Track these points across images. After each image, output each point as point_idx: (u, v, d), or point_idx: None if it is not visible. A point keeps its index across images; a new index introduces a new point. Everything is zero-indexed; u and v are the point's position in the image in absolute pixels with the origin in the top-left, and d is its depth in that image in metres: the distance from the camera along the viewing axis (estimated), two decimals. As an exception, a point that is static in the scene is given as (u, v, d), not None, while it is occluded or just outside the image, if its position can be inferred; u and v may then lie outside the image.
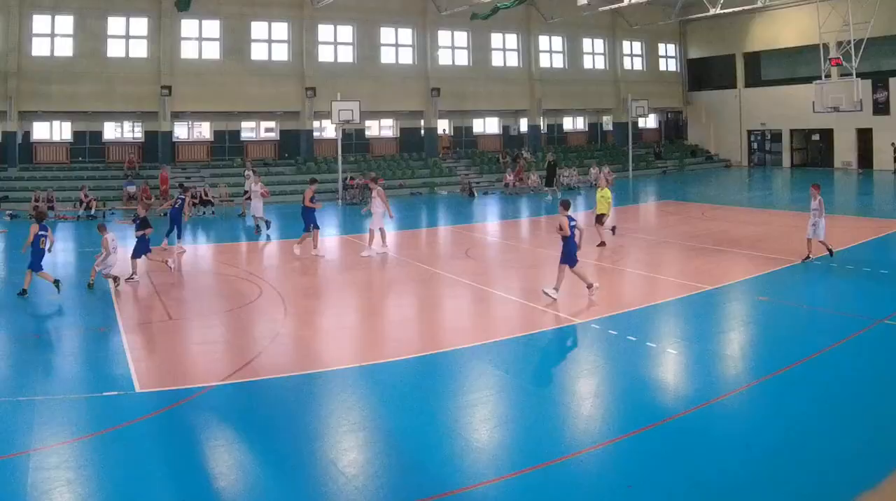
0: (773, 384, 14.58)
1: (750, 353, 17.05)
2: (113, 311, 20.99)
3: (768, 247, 27.81)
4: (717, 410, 13.35)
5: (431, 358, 16.54)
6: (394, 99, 61.59)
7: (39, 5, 50.99)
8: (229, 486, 10.74)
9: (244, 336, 18.71)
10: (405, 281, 25.26)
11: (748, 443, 11.78)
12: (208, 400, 14.04)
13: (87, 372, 15.96)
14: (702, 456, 11.47)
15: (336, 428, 12.76)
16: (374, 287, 25.16)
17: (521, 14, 65.35)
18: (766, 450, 11.50)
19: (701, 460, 11.32)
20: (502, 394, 14.40)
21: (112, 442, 12.04)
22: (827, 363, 15.87)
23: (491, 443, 12.18)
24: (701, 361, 16.27)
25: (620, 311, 20.07)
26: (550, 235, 32.52)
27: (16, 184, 49.29)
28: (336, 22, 59.94)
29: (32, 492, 10.24)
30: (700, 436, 12.25)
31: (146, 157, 55.27)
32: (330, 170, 56.93)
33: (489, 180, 61.12)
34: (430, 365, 16.25)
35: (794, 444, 11.86)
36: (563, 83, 69.21)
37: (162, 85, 53.49)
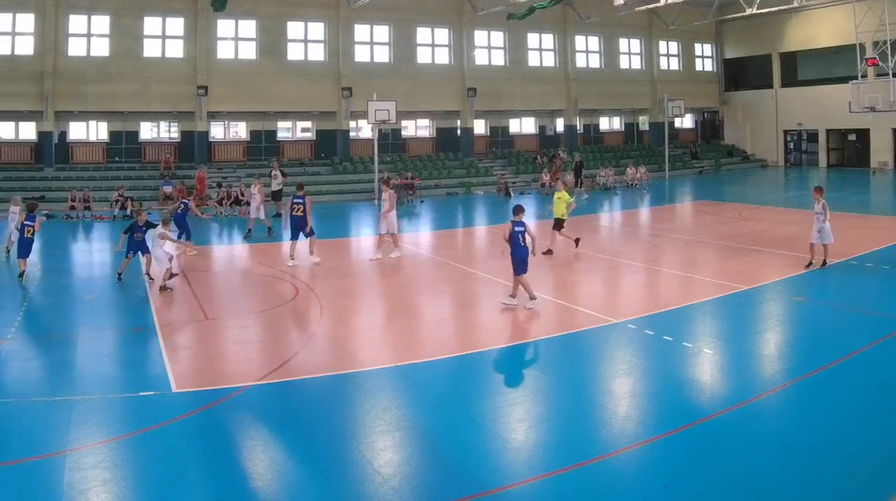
0: (810, 384, 14.40)
1: (786, 353, 16.79)
2: (149, 311, 20.52)
3: (804, 247, 26.31)
4: (754, 410, 13.13)
5: (468, 358, 16.23)
6: (430, 99, 59.77)
7: (75, 5, 49.55)
8: (265, 486, 10.54)
9: (280, 336, 18.31)
10: (441, 280, 24.62)
11: (784, 443, 11.59)
12: (244, 401, 13.80)
13: (123, 371, 15.70)
14: (738, 456, 11.16)
15: (372, 428, 12.52)
16: (410, 287, 24.32)
17: (558, 14, 63.00)
18: (803, 450, 11.35)
19: (737, 460, 11.03)
20: (539, 394, 14.20)
21: (148, 442, 11.85)
22: (863, 363, 15.57)
23: (527, 443, 11.97)
24: (737, 361, 16.03)
25: (657, 311, 19.67)
26: (587, 235, 32.28)
27: (52, 184, 47.79)
28: (372, 22, 58.20)
29: (69, 492, 10.08)
30: (736, 436, 11.96)
31: (182, 157, 53.86)
32: (366, 170, 55.42)
33: (525, 180, 58.98)
34: (466, 364, 15.95)
35: (831, 444, 11.65)
36: (599, 83, 66.88)
37: (198, 85, 52.05)
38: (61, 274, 26.26)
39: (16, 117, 50.45)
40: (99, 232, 37.54)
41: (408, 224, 38.61)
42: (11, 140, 51.56)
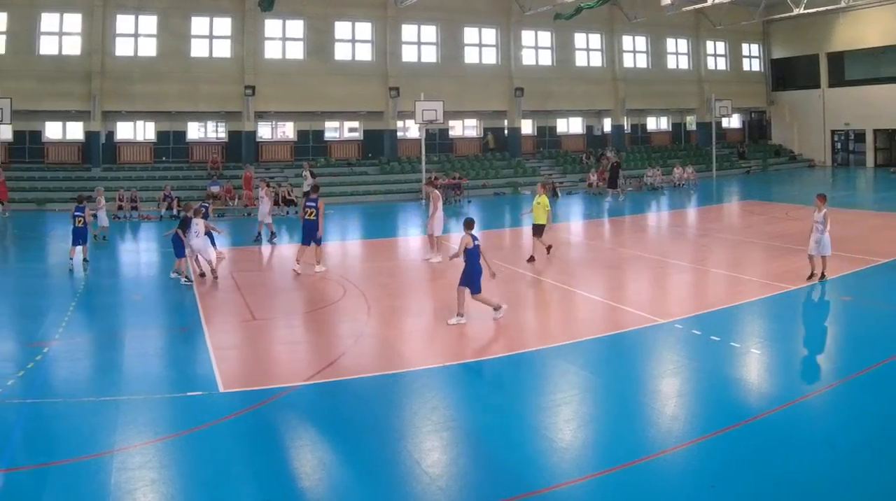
0: (858, 384, 13.97)
1: (834, 353, 16.46)
2: (197, 311, 20.04)
3: (852, 246, 26.04)
4: (801, 410, 12.84)
5: (515, 358, 15.79)
6: (477, 99, 57.50)
7: (123, 5, 48.14)
8: (313, 486, 10.30)
9: (327, 336, 17.93)
10: (488, 280, 22.34)
11: (832, 443, 11.35)
12: (292, 401, 13.48)
13: (170, 371, 15.36)
14: (785, 457, 10.86)
15: (420, 428, 12.26)
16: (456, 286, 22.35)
17: (605, 14, 60.25)
18: (851, 450, 11.05)
19: (784, 460, 10.74)
20: (586, 394, 13.87)
21: (196, 443, 11.59)
22: (912, 363, 15.12)
23: (574, 443, 11.71)
24: (784, 361, 15.71)
25: (704, 311, 19.18)
26: (634, 235, 33.68)
27: (99, 183, 44.83)
28: (420, 22, 56.20)
29: (116, 492, 9.86)
30: (784, 436, 11.64)
31: (230, 157, 52.22)
32: (413, 170, 53.52)
33: (572, 180, 56.85)
34: (513, 364, 15.52)
35: (879, 444, 11.27)
36: (646, 83, 64.02)
37: (245, 85, 50.43)
38: (108, 275, 25.82)
39: (63, 117, 49.12)
40: (146, 232, 36.64)
41: (455, 224, 36.44)
42: (59, 140, 50.14)
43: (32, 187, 45.62)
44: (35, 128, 48.81)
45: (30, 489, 10.12)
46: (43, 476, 10.44)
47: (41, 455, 11.04)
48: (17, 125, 46.27)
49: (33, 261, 29.02)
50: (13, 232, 36.29)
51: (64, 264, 25.39)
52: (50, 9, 46.99)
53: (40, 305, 20.70)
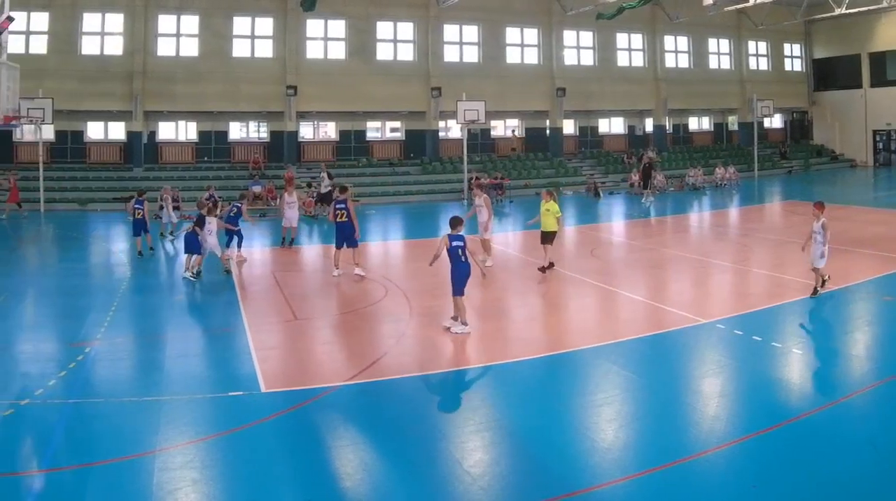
0: None
1: (876, 353, 15.74)
2: (239, 311, 19.37)
3: (894, 247, 25.55)
4: (843, 410, 12.32)
5: (557, 358, 15.33)
6: (519, 99, 55.06)
7: (165, 5, 46.84)
8: (354, 486, 9.95)
9: (369, 336, 17.23)
10: (530, 280, 22.80)
11: (875, 443, 10.85)
12: (333, 400, 13.07)
13: (212, 371, 14.85)
14: (827, 456, 10.48)
15: (461, 428, 11.85)
16: (499, 287, 22.19)
17: (647, 14, 57.61)
18: (894, 450, 10.63)
19: (826, 460, 10.35)
20: (628, 394, 13.33)
21: (238, 442, 11.23)
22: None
23: (616, 443, 11.21)
24: (826, 361, 15.28)
25: (746, 311, 18.46)
26: (676, 235, 33.11)
27: (141, 183, 43.37)
28: (461, 22, 53.86)
29: (158, 492, 9.55)
30: (825, 436, 11.24)
31: (271, 157, 50.58)
32: (455, 170, 51.66)
33: (614, 180, 54.61)
34: (555, 364, 15.05)
35: None
36: (688, 83, 61.11)
37: (287, 85, 48.77)
38: (150, 275, 24.93)
39: (105, 117, 47.79)
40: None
41: (498, 224, 35.93)
42: (101, 140, 48.74)
43: (74, 187, 44.20)
44: (77, 128, 47.53)
45: (72, 489, 9.82)
46: (85, 477, 10.13)
47: (83, 456, 10.73)
48: (59, 125, 45.12)
49: (75, 261, 28.09)
50: (55, 232, 35.42)
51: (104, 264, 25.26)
52: (92, 9, 45.70)
53: (82, 305, 19.92)
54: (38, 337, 17.31)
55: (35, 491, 9.76)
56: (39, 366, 14.87)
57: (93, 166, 47.17)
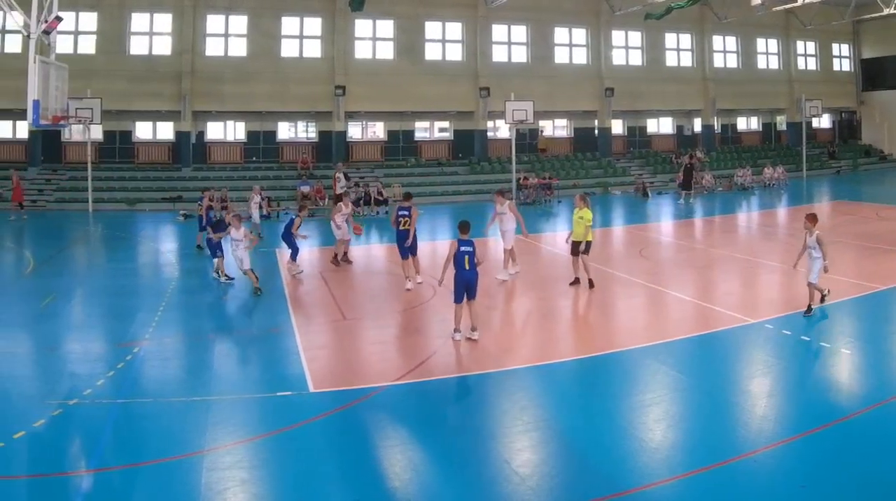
0: None
1: None
2: (287, 311, 18.68)
3: None
4: (892, 410, 11.64)
5: (605, 358, 14.77)
6: (567, 99, 51.91)
7: (213, 5, 44.41)
8: (403, 486, 9.58)
9: (417, 336, 16.69)
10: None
11: None
12: (382, 400, 12.55)
13: (261, 372, 14.41)
14: (876, 457, 10.05)
15: (510, 428, 11.36)
16: (548, 286, 21.32)
17: (695, 14, 54.34)
18: None
19: (875, 460, 9.94)
20: (675, 394, 12.79)
21: (286, 442, 10.83)
22: None
23: (664, 443, 10.78)
24: (875, 361, 14.49)
25: (794, 311, 17.57)
26: (724, 235, 32.40)
27: (189, 184, 42.45)
28: (510, 22, 50.82)
29: (206, 492, 9.26)
30: (874, 436, 10.73)
31: (320, 157, 47.86)
32: (504, 170, 48.57)
33: (663, 180, 51.36)
34: (603, 364, 14.49)
35: None
36: (736, 83, 57.34)
37: (336, 85, 46.24)
38: (199, 275, 23.95)
39: (154, 117, 45.64)
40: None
41: (546, 223, 35.90)
42: (149, 140, 46.53)
43: (122, 187, 42.09)
44: (125, 128, 45.33)
45: (120, 489, 9.55)
46: (133, 476, 9.83)
47: (131, 456, 10.39)
48: (108, 125, 43.02)
49: (123, 261, 27.18)
50: (103, 232, 34.11)
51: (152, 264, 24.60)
52: (140, 9, 43.67)
53: (130, 305, 19.15)
54: (87, 337, 16.67)
55: (84, 491, 9.40)
56: (88, 366, 14.33)
57: (141, 166, 45.13)
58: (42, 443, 10.71)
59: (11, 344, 16.02)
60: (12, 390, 12.94)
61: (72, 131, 40.72)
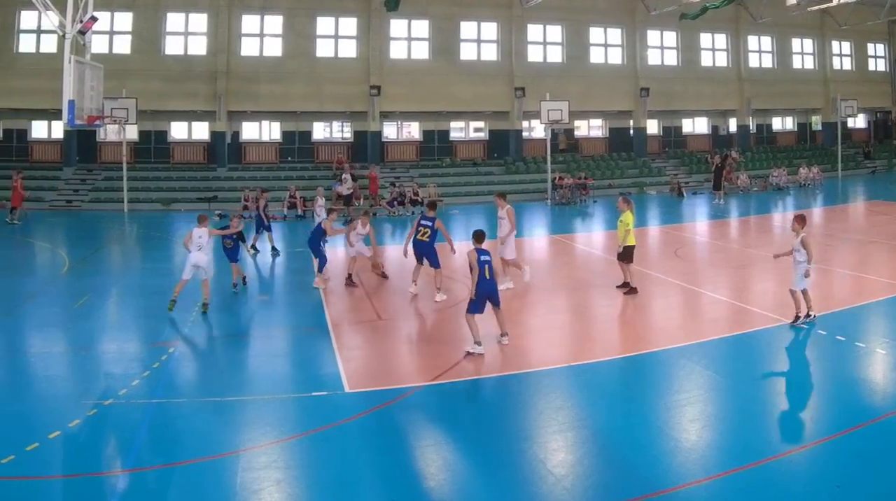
0: None
1: None
2: (322, 311, 17.96)
3: None
4: None
5: (640, 358, 14.04)
6: (602, 98, 49.49)
7: (249, 5, 42.61)
8: (438, 486, 9.25)
9: (453, 336, 15.61)
10: (613, 280, 20.52)
11: None
12: (417, 401, 12.02)
13: (296, 371, 13.86)
14: None
15: (545, 428, 10.92)
16: (583, 286, 20.79)
17: (730, 14, 51.81)
18: None
19: None
20: (711, 394, 12.27)
21: (321, 442, 10.41)
22: None
23: (700, 443, 10.35)
24: None
25: (829, 311, 16.79)
26: (759, 235, 31.22)
27: (224, 184, 40.76)
28: (545, 22, 48.41)
29: (242, 492, 8.92)
30: None
31: (355, 157, 45.65)
32: (539, 170, 46.26)
33: (698, 180, 48.80)
34: (638, 364, 13.78)
35: None
36: (771, 83, 54.84)
37: (371, 85, 44.29)
38: None
39: (189, 117, 43.86)
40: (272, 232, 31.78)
41: (581, 223, 34.99)
42: (185, 140, 44.67)
43: (158, 187, 40.20)
44: (161, 128, 43.47)
45: (155, 488, 9.14)
46: (168, 476, 9.38)
47: (166, 455, 9.95)
48: (143, 125, 41.29)
49: (158, 261, 26.27)
50: (138, 232, 32.94)
51: None
52: (175, 9, 42.00)
53: (165, 304, 17.66)
54: (122, 337, 16.03)
55: (119, 491, 9.04)
56: (123, 366, 13.78)
57: (176, 166, 43.32)
58: (77, 443, 10.30)
59: (47, 344, 15.43)
60: (48, 390, 12.51)
61: (107, 131, 39.39)
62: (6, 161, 40.25)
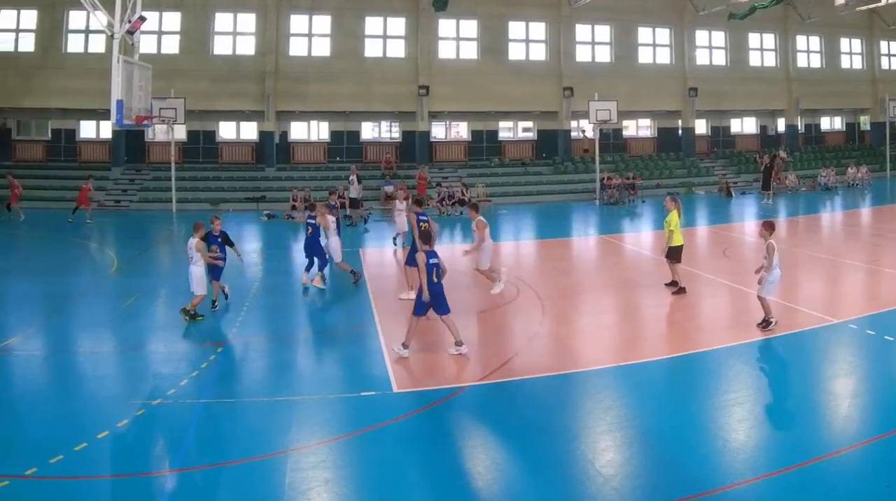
0: None
1: None
2: (371, 311, 16.73)
3: None
4: None
5: (688, 358, 13.21)
6: (651, 98, 46.28)
7: (297, 5, 40.18)
8: (486, 486, 8.67)
9: (501, 336, 15.04)
10: (662, 280, 19.26)
11: None
12: (465, 401, 11.36)
13: (344, 371, 12.96)
14: None
15: (594, 428, 10.27)
16: (632, 287, 19.59)
17: (779, 13, 48.37)
18: None
19: None
20: (759, 394, 11.56)
21: (369, 442, 9.81)
22: None
23: (748, 443, 9.65)
24: None
25: (878, 311, 15.72)
26: (807, 235, 29.75)
27: (273, 184, 38.25)
28: (593, 22, 45.33)
29: (290, 492, 8.40)
30: None
31: (403, 157, 43.07)
32: (587, 169, 43.17)
33: (746, 180, 45.66)
34: (686, 364, 12.96)
35: None
36: (819, 83, 51.51)
37: (419, 84, 41.65)
38: (282, 274, 22.14)
39: (237, 117, 41.50)
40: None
41: (629, 223, 33.12)
42: (233, 140, 42.19)
43: (206, 187, 37.71)
44: (209, 128, 41.09)
45: (204, 488, 8.58)
46: (216, 476, 8.82)
47: (215, 455, 9.32)
48: (192, 125, 39.09)
49: None
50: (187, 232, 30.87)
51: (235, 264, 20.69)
52: (223, 9, 39.73)
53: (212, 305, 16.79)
54: (170, 337, 14.95)
55: (167, 491, 8.43)
56: (171, 366, 13.07)
57: (225, 166, 40.92)
58: (125, 443, 9.77)
59: (95, 343, 14.62)
60: (96, 390, 11.91)
61: (155, 131, 37.65)
62: (55, 161, 38.75)
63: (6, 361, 13.25)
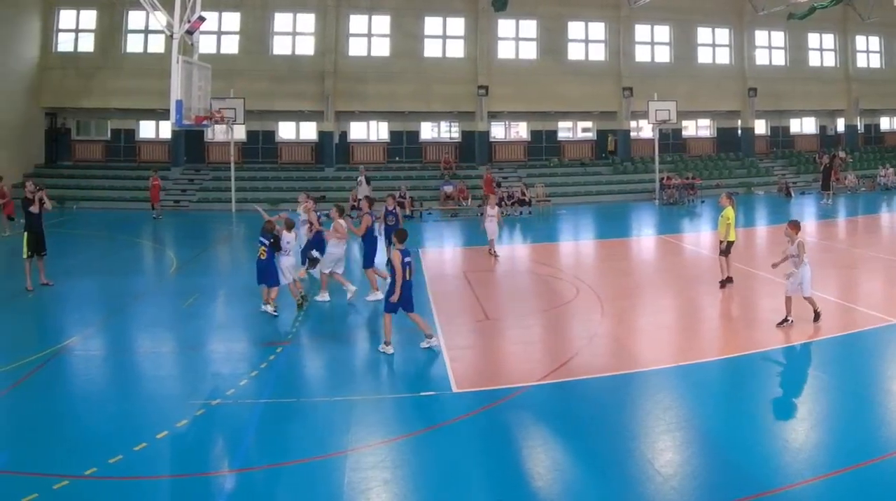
0: None
1: None
2: (431, 311, 15.24)
3: None
4: None
5: (747, 358, 12.33)
6: (710, 98, 42.50)
7: (356, 6, 37.19)
8: (545, 486, 8.11)
9: (561, 336, 14.18)
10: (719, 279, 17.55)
11: None
12: (525, 401, 10.64)
13: (404, 371, 12.25)
14: None
15: (653, 428, 9.53)
16: (691, 287, 18.06)
17: (838, 13, 44.34)
18: None
19: None
20: (818, 394, 10.91)
21: (429, 442, 9.26)
22: None
23: (808, 443, 9.01)
24: None
25: None
26: (867, 235, 27.92)
27: (332, 183, 35.34)
28: (653, 22, 41.70)
29: (349, 492, 7.95)
30: None
31: (463, 157, 39.78)
32: (647, 169, 40.06)
33: (806, 180, 41.99)
34: (745, 364, 12.12)
35: None
36: (880, 83, 47.05)
37: (479, 85, 38.49)
38: (343, 275, 19.97)
39: (297, 117, 38.73)
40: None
41: (689, 223, 31.54)
42: (292, 140, 39.35)
43: (266, 187, 34.70)
44: (268, 128, 38.23)
45: (263, 488, 8.13)
46: (276, 476, 8.37)
47: (274, 456, 8.83)
48: (251, 125, 36.38)
49: None
50: (246, 231, 29.00)
51: None
52: (283, 9, 37.00)
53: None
54: (229, 337, 14.06)
55: (227, 491, 8.03)
56: (231, 366, 12.20)
57: (284, 166, 38.08)
58: (185, 443, 9.05)
59: (155, 344, 13.85)
60: (156, 390, 11.16)
61: (215, 131, 34.97)
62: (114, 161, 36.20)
63: (67, 361, 12.50)
